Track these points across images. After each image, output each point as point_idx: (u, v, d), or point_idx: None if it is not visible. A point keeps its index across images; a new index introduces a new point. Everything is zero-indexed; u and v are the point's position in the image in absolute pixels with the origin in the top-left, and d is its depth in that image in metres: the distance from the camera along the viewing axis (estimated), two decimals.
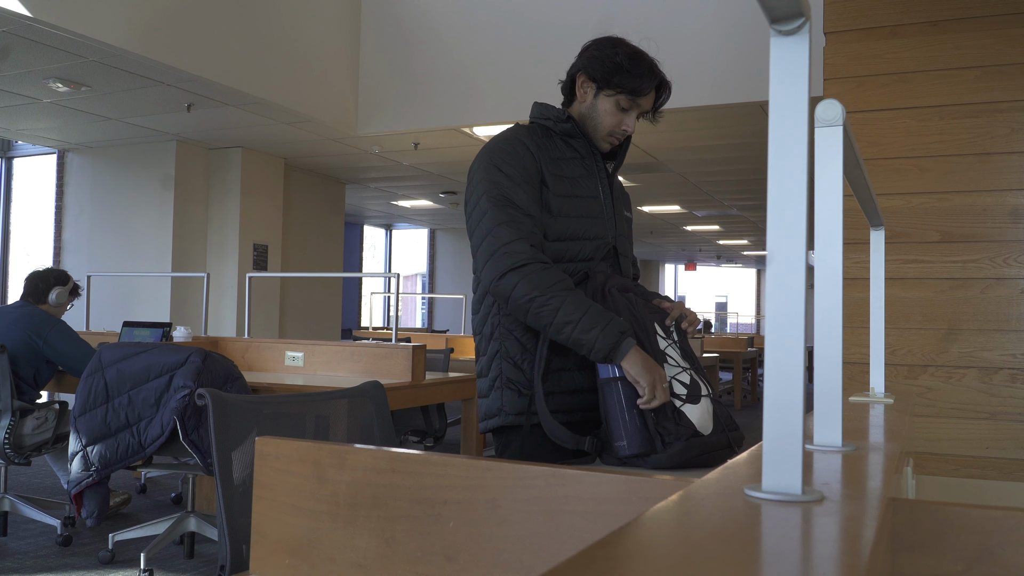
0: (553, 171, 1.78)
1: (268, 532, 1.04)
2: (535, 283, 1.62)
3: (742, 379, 10.91)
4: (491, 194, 1.71)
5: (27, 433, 3.66)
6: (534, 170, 1.75)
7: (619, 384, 1.58)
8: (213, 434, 1.52)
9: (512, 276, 1.64)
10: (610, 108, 1.81)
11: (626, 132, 1.83)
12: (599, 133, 1.83)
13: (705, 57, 5.54)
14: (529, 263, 1.64)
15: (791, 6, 0.54)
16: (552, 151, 1.81)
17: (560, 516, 0.87)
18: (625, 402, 1.57)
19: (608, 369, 1.60)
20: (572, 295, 1.62)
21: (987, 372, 2.57)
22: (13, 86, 5.82)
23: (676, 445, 1.54)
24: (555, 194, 1.76)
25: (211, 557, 3.56)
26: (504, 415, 1.75)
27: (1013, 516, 0.66)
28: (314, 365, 4.34)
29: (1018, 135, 2.58)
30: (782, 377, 0.56)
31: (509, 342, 1.77)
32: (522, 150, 1.75)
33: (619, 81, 1.78)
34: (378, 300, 13.98)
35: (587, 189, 1.82)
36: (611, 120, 1.82)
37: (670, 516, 0.48)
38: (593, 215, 1.81)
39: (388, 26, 6.77)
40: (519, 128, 1.83)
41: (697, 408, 1.61)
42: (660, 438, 1.55)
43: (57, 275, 4.05)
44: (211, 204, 8.05)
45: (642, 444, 1.55)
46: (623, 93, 1.79)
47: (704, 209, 11.39)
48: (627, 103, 1.80)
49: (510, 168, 1.72)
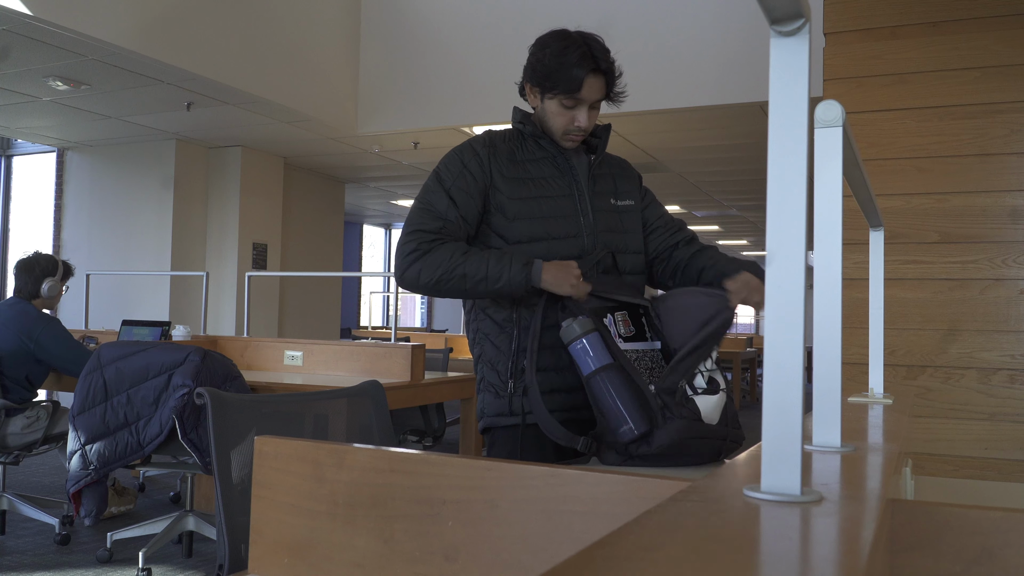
0: (513, 175, 1.80)
1: (267, 531, 1.04)
2: (435, 261, 1.70)
3: (741, 379, 10.91)
4: (419, 198, 1.80)
5: (14, 432, 3.64)
6: (479, 172, 1.79)
7: (604, 373, 1.58)
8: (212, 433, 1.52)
9: (413, 267, 1.72)
10: (556, 109, 1.81)
11: (580, 128, 1.81)
12: (556, 134, 1.84)
13: (705, 58, 5.54)
14: (424, 251, 1.72)
15: (791, 7, 0.54)
16: (520, 153, 1.84)
17: (559, 516, 0.87)
18: (616, 389, 1.56)
19: (588, 363, 1.59)
20: (470, 257, 1.70)
21: (986, 373, 2.57)
22: (13, 84, 5.82)
23: (677, 422, 1.53)
24: (510, 197, 1.79)
25: (210, 556, 3.56)
26: (486, 417, 1.81)
27: (1012, 517, 0.66)
28: (313, 364, 4.34)
29: (1017, 136, 2.58)
30: (781, 378, 0.56)
31: (486, 346, 1.82)
32: (470, 158, 1.80)
33: (552, 83, 1.78)
34: (377, 299, 13.98)
35: (558, 188, 1.83)
36: (560, 120, 1.81)
37: (669, 516, 0.48)
38: (563, 214, 1.81)
39: (388, 25, 6.77)
40: (483, 134, 1.87)
41: (711, 400, 1.60)
42: (661, 413, 1.54)
43: (44, 265, 3.89)
44: (210, 203, 8.04)
45: (647, 420, 1.53)
46: (561, 92, 1.78)
47: (704, 209, 11.39)
48: (569, 101, 1.78)
49: (448, 176, 1.79)
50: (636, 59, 5.69)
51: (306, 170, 8.98)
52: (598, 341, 1.60)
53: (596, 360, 1.59)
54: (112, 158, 7.95)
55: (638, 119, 6.20)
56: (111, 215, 7.93)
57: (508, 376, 1.78)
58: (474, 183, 1.78)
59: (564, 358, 1.72)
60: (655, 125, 6.48)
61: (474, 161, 1.79)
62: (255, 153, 8.05)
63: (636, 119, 6.20)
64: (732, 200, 10.53)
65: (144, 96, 6.11)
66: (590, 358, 1.59)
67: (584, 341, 1.60)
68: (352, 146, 7.59)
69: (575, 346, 1.61)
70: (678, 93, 5.61)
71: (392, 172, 9.04)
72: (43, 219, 8.36)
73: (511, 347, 1.78)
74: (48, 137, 7.72)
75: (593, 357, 1.60)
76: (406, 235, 1.76)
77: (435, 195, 1.78)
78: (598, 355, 1.59)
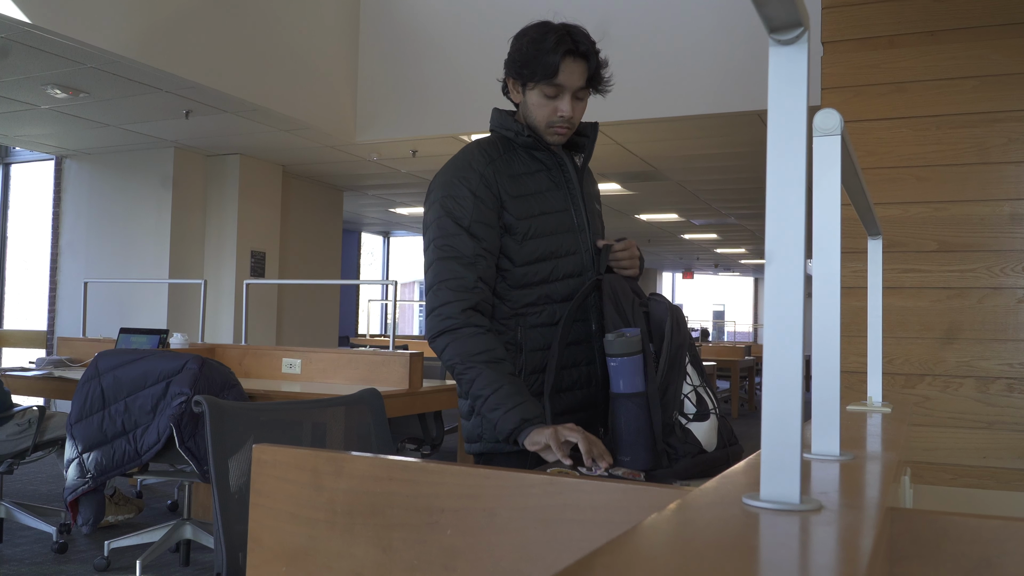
0: (516, 192, 1.72)
1: (264, 540, 1.04)
2: (459, 350, 1.61)
3: (739, 388, 10.91)
4: (438, 243, 1.68)
5: (2, 440, 3.61)
6: (490, 198, 1.69)
7: (629, 401, 1.55)
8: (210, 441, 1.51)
9: (443, 339, 1.64)
10: (538, 100, 1.73)
11: (563, 118, 1.73)
12: (540, 128, 1.75)
13: (703, 66, 5.55)
14: (459, 328, 1.63)
15: (790, 16, 0.54)
16: (513, 166, 1.75)
17: (558, 525, 0.86)
18: (632, 420, 1.54)
19: (618, 384, 1.57)
20: (488, 369, 1.59)
21: (984, 381, 2.57)
22: (11, 92, 5.83)
23: (683, 462, 1.54)
24: (518, 217, 1.70)
25: (207, 565, 3.55)
26: (484, 443, 1.71)
27: (1011, 526, 0.65)
28: (311, 372, 4.34)
29: (1015, 145, 2.59)
30: (780, 386, 0.56)
31: None
32: (475, 181, 1.70)
33: (531, 70, 1.70)
34: (376, 307, 13.97)
35: (555, 202, 1.76)
36: (543, 111, 1.73)
37: (668, 525, 0.48)
38: (565, 229, 1.76)
39: (387, 34, 6.79)
40: (474, 148, 1.77)
41: (704, 425, 1.60)
42: (667, 455, 1.54)
43: None
44: (209, 211, 8.05)
45: (647, 461, 1.53)
46: (540, 80, 1.70)
47: (702, 218, 11.41)
48: (550, 89, 1.71)
49: (461, 210, 1.68)
50: (635, 67, 5.71)
51: (304, 178, 8.99)
52: (636, 365, 1.55)
53: (627, 385, 1.56)
54: (110, 166, 7.95)
55: (636, 127, 6.22)
56: (109, 223, 7.93)
57: None
58: (489, 212, 1.69)
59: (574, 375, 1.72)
60: (653, 133, 6.50)
61: (481, 186, 1.69)
62: (253, 161, 8.06)
63: (634, 127, 6.21)
64: (730, 208, 10.55)
65: (142, 104, 6.11)
66: (622, 380, 1.56)
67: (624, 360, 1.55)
68: (350, 154, 7.60)
69: (618, 361, 1.56)
70: (676, 101, 5.63)
71: (391, 180, 9.05)
72: (41, 227, 8.36)
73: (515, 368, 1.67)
74: (46, 145, 7.72)
75: (625, 380, 1.56)
76: (445, 291, 1.65)
77: (457, 239, 1.66)
78: (629, 380, 1.56)
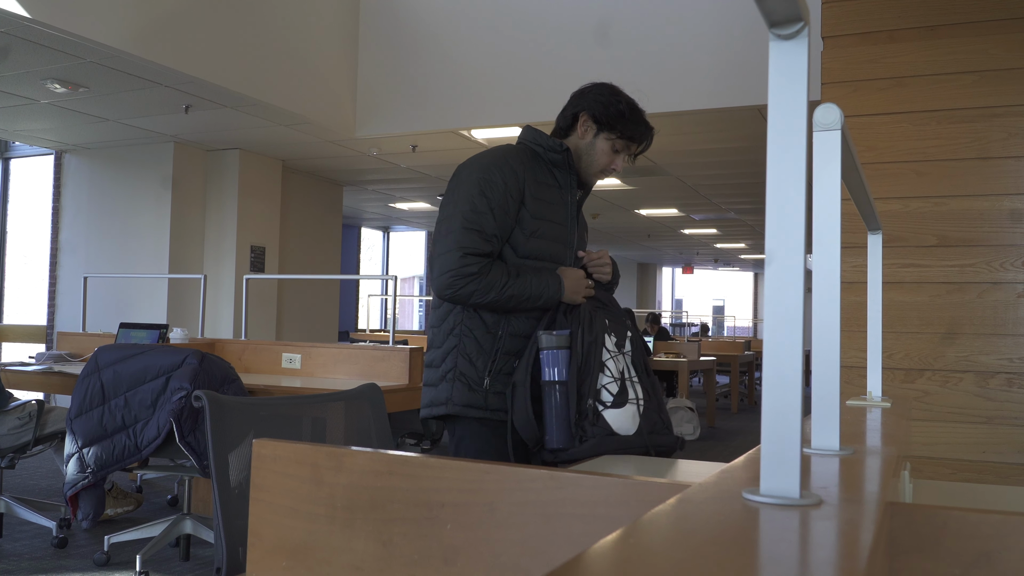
0: (536, 194, 1.97)
1: (265, 534, 1.04)
2: (487, 285, 1.88)
3: (739, 382, 10.91)
4: (467, 215, 1.91)
5: (4, 434, 3.61)
6: (516, 191, 1.94)
7: (556, 387, 1.82)
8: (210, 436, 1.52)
9: (469, 287, 1.88)
10: (606, 149, 2.03)
11: (615, 171, 2.06)
12: (592, 169, 2.05)
13: (703, 61, 5.54)
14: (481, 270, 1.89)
15: (790, 10, 0.54)
16: (538, 174, 1.99)
17: (558, 519, 0.87)
18: (557, 405, 1.81)
19: (549, 372, 1.83)
20: (515, 279, 1.90)
21: (984, 376, 2.57)
22: (11, 87, 5.82)
23: (590, 441, 1.80)
24: (532, 215, 1.95)
25: (207, 560, 3.56)
26: (451, 405, 1.92)
27: (1010, 520, 0.66)
28: (311, 367, 4.34)
29: (1015, 139, 2.59)
30: (780, 381, 0.56)
31: (468, 340, 1.94)
32: (509, 174, 1.94)
33: (621, 127, 2.01)
34: (375, 302, 13.97)
35: (558, 216, 2.01)
36: (605, 159, 2.04)
37: (668, 519, 0.48)
38: (559, 240, 2.01)
39: (386, 28, 6.78)
40: (509, 148, 2.02)
41: (620, 412, 1.84)
42: (578, 437, 1.80)
43: None
44: (209, 206, 8.04)
45: (563, 440, 1.80)
46: (622, 138, 2.02)
47: (702, 212, 11.40)
48: (621, 146, 2.04)
49: (492, 193, 1.91)
50: (634, 62, 5.70)
51: (304, 173, 8.98)
52: (564, 359, 1.85)
53: (554, 373, 1.84)
54: (110, 161, 7.94)
55: None
56: (109, 218, 7.92)
57: (486, 373, 1.91)
58: (512, 204, 1.93)
59: None
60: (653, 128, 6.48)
61: (513, 179, 1.93)
62: (253, 156, 8.05)
63: None
64: (730, 203, 10.54)
65: (142, 99, 6.11)
66: (550, 369, 1.84)
67: (554, 353, 1.85)
68: (350, 149, 7.59)
69: (545, 353, 1.86)
70: (676, 96, 5.62)
71: (390, 175, 9.04)
72: (41, 222, 8.35)
73: (493, 347, 1.92)
74: (46, 140, 7.71)
75: (553, 369, 1.84)
76: (460, 256, 1.88)
77: (484, 216, 1.90)
78: (557, 369, 1.84)
